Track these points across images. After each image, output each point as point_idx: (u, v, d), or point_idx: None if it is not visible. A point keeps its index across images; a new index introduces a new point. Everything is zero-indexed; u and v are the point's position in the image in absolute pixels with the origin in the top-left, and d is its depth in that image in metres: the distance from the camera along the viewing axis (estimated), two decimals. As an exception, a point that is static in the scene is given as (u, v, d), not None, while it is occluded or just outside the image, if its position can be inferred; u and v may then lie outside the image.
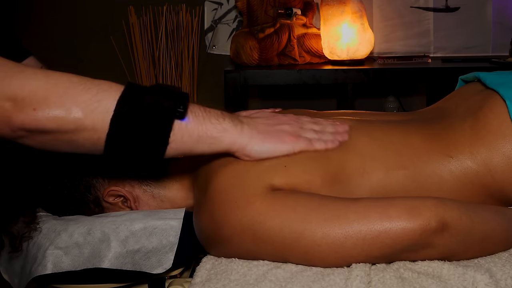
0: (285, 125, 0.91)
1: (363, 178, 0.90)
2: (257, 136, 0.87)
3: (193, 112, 0.83)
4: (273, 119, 0.92)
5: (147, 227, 0.94)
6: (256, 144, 0.87)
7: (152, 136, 0.80)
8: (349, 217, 0.80)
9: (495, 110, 0.93)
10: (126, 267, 0.92)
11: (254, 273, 0.83)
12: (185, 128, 0.82)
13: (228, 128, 0.85)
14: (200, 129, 0.83)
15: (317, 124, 0.95)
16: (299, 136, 0.90)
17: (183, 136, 0.82)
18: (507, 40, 2.16)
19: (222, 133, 0.85)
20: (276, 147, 0.88)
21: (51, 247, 0.93)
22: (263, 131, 0.88)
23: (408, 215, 0.79)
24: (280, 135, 0.89)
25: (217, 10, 2.35)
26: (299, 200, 0.83)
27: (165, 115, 0.80)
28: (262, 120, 0.91)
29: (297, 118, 0.94)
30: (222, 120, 0.85)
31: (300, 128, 0.92)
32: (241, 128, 0.87)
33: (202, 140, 0.83)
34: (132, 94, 0.80)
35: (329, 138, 0.92)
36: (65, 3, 2.38)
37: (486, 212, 0.86)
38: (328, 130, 0.94)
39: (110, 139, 0.78)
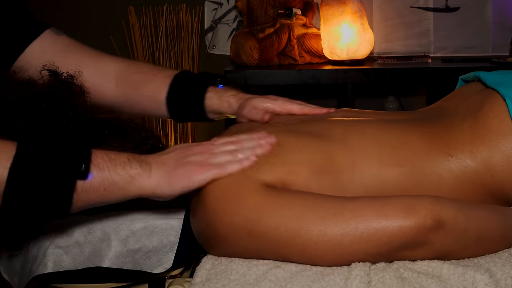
0: (194, 156, 0.88)
1: (354, 173, 0.90)
2: (164, 178, 0.84)
3: (96, 165, 0.79)
4: (183, 152, 0.89)
5: (147, 226, 0.94)
6: (164, 186, 0.84)
7: (53, 201, 0.77)
8: (345, 215, 0.80)
9: (495, 109, 0.93)
10: (126, 266, 0.92)
11: (254, 273, 0.83)
12: (90, 185, 0.79)
13: (135, 175, 0.82)
14: (106, 182, 0.80)
15: (233, 143, 0.92)
16: (210, 165, 0.87)
17: (88, 194, 0.79)
18: (507, 40, 2.17)
19: (129, 181, 0.82)
20: (184, 183, 0.85)
21: (52, 246, 0.93)
22: (170, 169, 0.85)
23: (404, 213, 0.80)
24: (187, 170, 0.86)
25: (217, 10, 2.35)
26: (293, 199, 0.83)
27: (66, 178, 0.77)
28: (170, 156, 0.88)
29: (209, 144, 0.92)
30: (129, 168, 0.82)
31: (210, 155, 0.89)
32: (149, 172, 0.84)
33: (109, 192, 0.81)
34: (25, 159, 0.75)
35: (245, 155, 0.89)
36: (65, 3, 2.39)
37: (483, 210, 0.87)
38: (246, 146, 0.91)
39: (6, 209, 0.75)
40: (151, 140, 1.02)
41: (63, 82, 1.00)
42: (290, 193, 0.85)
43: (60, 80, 1.00)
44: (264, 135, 0.92)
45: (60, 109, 0.95)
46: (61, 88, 0.99)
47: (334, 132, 0.95)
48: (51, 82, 1.00)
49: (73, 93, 1.00)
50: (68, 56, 1.17)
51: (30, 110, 0.93)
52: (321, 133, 0.95)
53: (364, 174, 0.90)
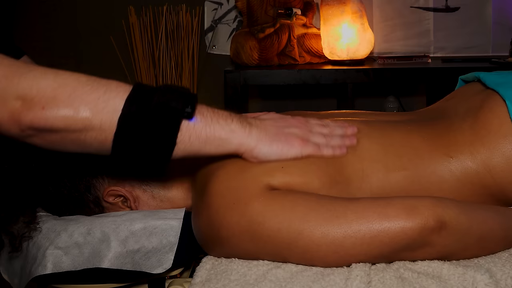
0: (294, 128, 0.90)
1: (363, 181, 0.90)
2: (265, 138, 0.87)
3: (201, 112, 0.82)
4: (282, 122, 0.91)
5: (147, 227, 0.94)
6: (264, 146, 0.86)
7: (159, 136, 0.80)
8: (348, 217, 0.80)
9: (495, 110, 0.93)
10: (126, 267, 0.92)
11: (254, 273, 0.83)
12: (193, 128, 0.81)
13: (236, 129, 0.85)
14: (208, 130, 0.82)
15: (326, 127, 0.94)
16: (308, 140, 0.89)
17: (191, 136, 0.81)
18: (507, 40, 2.16)
19: (230, 134, 0.84)
20: (283, 150, 0.87)
21: (51, 247, 0.93)
22: (272, 133, 0.88)
23: (406, 214, 0.80)
24: (288, 138, 0.88)
25: (217, 10, 2.35)
26: (297, 200, 0.83)
27: (173, 115, 0.80)
28: (271, 122, 0.90)
29: (306, 121, 0.93)
30: (230, 121, 0.85)
31: (309, 132, 0.91)
32: (249, 129, 0.86)
33: (209, 141, 0.83)
34: (140, 94, 0.79)
35: (337, 142, 0.91)
36: (66, 3, 2.38)
37: (485, 211, 0.87)
38: (336, 133, 0.93)
39: (117, 139, 0.78)
40: None
41: None
42: (294, 194, 0.84)
43: None
44: (349, 125, 0.95)
45: None
46: None
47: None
48: None
49: None
50: None
51: None
52: None
53: (371, 180, 0.90)
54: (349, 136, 0.93)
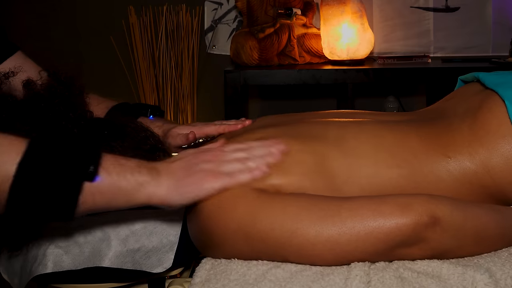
0: (204, 163, 0.86)
1: (349, 176, 0.90)
2: (174, 187, 0.83)
3: (105, 168, 0.78)
4: (193, 159, 0.87)
5: (147, 226, 0.94)
6: (175, 195, 0.83)
7: (59, 201, 0.75)
8: (342, 215, 0.81)
9: (494, 111, 0.93)
10: (126, 266, 0.92)
11: (253, 273, 0.83)
12: (97, 188, 0.77)
13: (144, 182, 0.81)
14: (114, 187, 0.79)
15: (243, 150, 0.90)
16: (219, 173, 0.86)
17: (95, 196, 0.77)
18: (507, 40, 2.17)
19: (137, 188, 0.80)
20: (195, 193, 0.84)
21: (52, 246, 0.93)
22: (181, 178, 0.84)
23: (400, 211, 0.81)
24: (198, 179, 0.84)
25: (217, 10, 2.35)
26: (287, 201, 0.83)
27: (73, 178, 0.75)
28: (180, 164, 0.86)
29: (220, 151, 0.90)
30: (138, 174, 0.81)
31: (221, 163, 0.87)
32: (158, 180, 0.82)
33: (116, 197, 0.79)
34: (34, 156, 0.74)
35: (256, 163, 0.88)
36: (66, 3, 2.39)
37: (480, 209, 0.87)
38: (257, 154, 0.89)
39: (10, 206, 0.74)
40: (150, 140, 1.02)
41: (62, 83, 1.00)
42: (284, 196, 0.85)
43: (59, 81, 1.00)
44: (275, 142, 0.91)
45: (60, 109, 0.95)
46: (60, 88, 0.98)
47: (329, 134, 0.95)
48: (50, 83, 1.00)
49: (72, 94, 1.00)
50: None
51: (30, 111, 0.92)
52: (315, 135, 0.95)
53: (360, 175, 0.90)
54: (272, 153, 0.89)
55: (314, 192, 0.87)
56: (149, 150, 1.00)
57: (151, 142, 1.02)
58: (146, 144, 1.01)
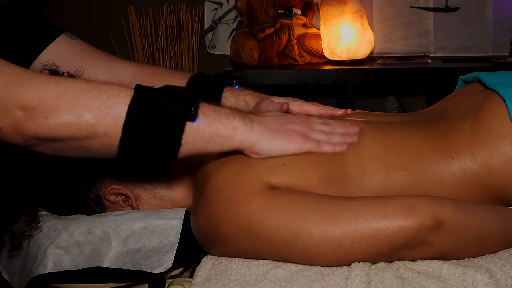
0: (295, 124, 0.91)
1: (363, 179, 0.90)
2: (266, 134, 0.88)
3: (203, 112, 0.84)
4: (283, 118, 0.92)
5: (147, 226, 0.94)
6: (265, 142, 0.87)
7: (164, 140, 0.81)
8: (346, 216, 0.81)
9: (495, 111, 0.93)
10: (126, 266, 0.92)
11: (254, 273, 0.83)
12: (197, 129, 0.83)
13: (238, 126, 0.86)
14: (211, 129, 0.84)
15: (327, 125, 0.95)
16: (308, 137, 0.90)
17: (195, 137, 0.83)
18: (507, 40, 2.17)
19: (232, 132, 0.85)
20: (284, 146, 0.88)
21: (52, 246, 0.93)
22: (273, 130, 0.89)
23: (404, 213, 0.80)
24: (289, 134, 0.89)
25: (217, 10, 2.35)
26: (296, 199, 0.83)
27: (176, 118, 0.81)
28: (273, 119, 0.91)
29: (307, 119, 0.95)
30: (233, 119, 0.86)
31: (309, 129, 0.92)
32: (251, 126, 0.87)
33: (213, 139, 0.84)
34: (142, 99, 0.80)
35: (337, 140, 0.92)
36: (66, 3, 2.38)
37: (483, 210, 0.87)
38: (337, 131, 0.94)
39: (123, 144, 0.79)
40: None
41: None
42: (293, 194, 0.85)
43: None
44: (351, 124, 0.95)
45: None
46: None
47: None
48: None
49: None
50: (83, 59, 1.21)
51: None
52: None
53: (372, 179, 0.90)
54: (350, 134, 0.94)
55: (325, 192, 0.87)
56: None
57: None
58: None
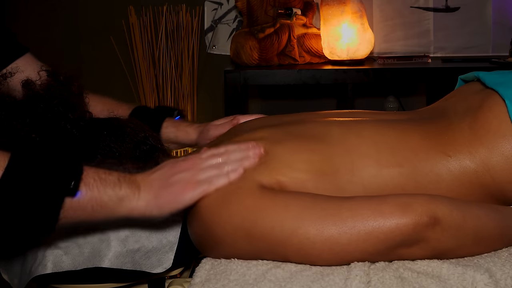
0: (181, 173, 0.88)
1: (353, 174, 0.90)
2: (153, 200, 0.85)
3: (86, 184, 0.79)
4: (170, 170, 0.88)
5: (147, 226, 0.94)
6: (154, 209, 0.85)
7: (41, 216, 0.76)
8: (342, 214, 0.81)
9: (495, 110, 0.93)
10: (126, 266, 0.92)
11: (253, 273, 0.83)
12: (77, 203, 0.79)
13: (124, 197, 0.83)
14: (94, 202, 0.80)
15: (220, 155, 0.91)
16: (196, 182, 0.87)
17: (76, 211, 0.79)
18: (507, 40, 2.16)
19: (117, 203, 0.82)
20: (173, 205, 0.85)
21: (51, 247, 0.93)
22: (158, 191, 0.85)
23: (400, 211, 0.81)
24: (175, 190, 0.86)
25: (217, 10, 2.35)
26: (290, 199, 0.84)
27: (54, 194, 0.77)
28: (158, 175, 0.87)
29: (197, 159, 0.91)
30: (118, 189, 0.82)
31: (198, 171, 0.88)
32: (138, 194, 0.84)
33: (97, 211, 0.81)
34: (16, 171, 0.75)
35: (233, 167, 0.89)
36: (66, 3, 2.39)
37: (479, 208, 0.87)
38: (232, 159, 0.90)
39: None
40: (150, 140, 1.02)
41: (61, 83, 1.00)
42: (287, 194, 0.85)
43: (59, 81, 1.00)
44: (252, 145, 0.92)
45: (59, 110, 0.95)
46: (59, 89, 0.98)
47: (331, 133, 0.95)
48: (49, 83, 1.00)
49: (72, 94, 1.00)
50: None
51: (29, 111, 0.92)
52: (318, 134, 0.95)
53: (363, 175, 0.91)
54: (248, 157, 0.90)
55: (317, 190, 0.88)
56: (148, 150, 1.00)
57: (150, 142, 1.02)
58: (146, 144, 1.01)
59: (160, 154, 1.01)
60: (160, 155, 1.01)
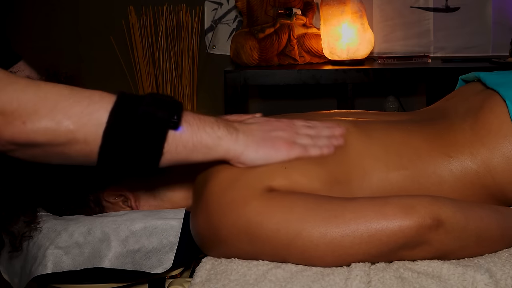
0: (280, 131, 0.90)
1: (364, 180, 0.90)
2: (252, 144, 0.87)
3: (187, 121, 0.82)
4: (268, 125, 0.91)
5: (147, 226, 0.94)
6: (251, 152, 0.86)
7: (146, 148, 0.79)
8: (345, 216, 0.81)
9: (495, 110, 0.93)
10: (126, 267, 0.92)
11: (254, 273, 0.83)
12: (180, 138, 0.81)
13: (223, 136, 0.85)
14: (195, 138, 0.82)
15: (312, 128, 0.94)
16: (294, 143, 0.89)
17: (178, 146, 0.81)
18: (507, 40, 2.16)
19: (216, 141, 0.84)
20: (270, 155, 0.87)
21: (52, 247, 0.93)
22: (258, 138, 0.88)
23: (403, 213, 0.80)
24: (274, 142, 0.88)
25: (217, 10, 2.35)
26: (295, 201, 0.83)
27: (159, 126, 0.79)
28: (257, 127, 0.90)
29: (292, 123, 0.93)
30: (217, 128, 0.85)
31: (295, 134, 0.91)
32: (236, 136, 0.86)
33: (197, 149, 0.83)
34: (125, 105, 0.78)
35: (324, 143, 0.91)
36: (66, 3, 2.39)
37: (482, 210, 0.87)
38: (323, 134, 0.93)
39: (103, 151, 0.78)
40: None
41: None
42: (292, 196, 0.84)
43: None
44: (336, 126, 0.95)
45: None
46: None
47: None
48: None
49: None
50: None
51: None
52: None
53: (372, 179, 0.91)
54: (336, 137, 0.93)
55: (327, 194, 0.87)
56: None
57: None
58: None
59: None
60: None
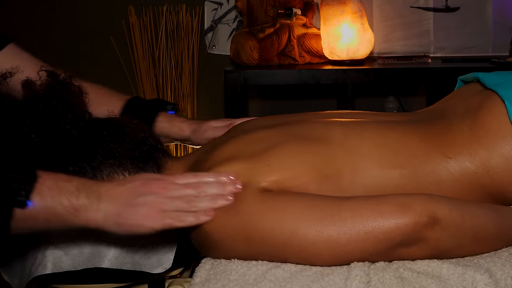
0: (149, 196, 0.83)
1: (355, 176, 0.90)
2: (113, 215, 0.81)
3: (39, 194, 0.77)
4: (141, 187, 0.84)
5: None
6: (112, 225, 0.82)
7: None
8: (342, 215, 0.81)
9: (494, 111, 0.93)
10: (126, 266, 0.92)
11: (253, 273, 0.83)
12: (29, 214, 0.76)
13: (81, 208, 0.80)
14: (47, 212, 0.78)
15: (196, 187, 0.86)
16: (163, 212, 0.83)
17: (26, 222, 0.77)
18: (507, 40, 2.16)
19: (73, 213, 0.79)
20: (133, 228, 0.82)
21: (51, 247, 0.93)
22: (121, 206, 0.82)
23: (399, 211, 0.81)
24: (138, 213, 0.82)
25: (217, 10, 2.35)
26: (289, 201, 0.84)
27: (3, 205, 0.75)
28: (125, 190, 0.84)
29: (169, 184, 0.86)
30: (75, 199, 0.80)
31: (167, 199, 0.84)
32: (97, 205, 0.81)
33: (51, 221, 0.79)
34: None
35: (204, 204, 0.84)
36: (66, 3, 2.39)
37: (478, 208, 0.87)
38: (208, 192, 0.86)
39: None
40: (149, 140, 1.01)
41: (61, 83, 1.00)
42: (286, 196, 0.85)
43: (58, 81, 1.00)
44: (231, 180, 0.87)
45: (58, 110, 0.95)
46: (59, 89, 0.98)
47: (333, 135, 0.95)
48: (49, 83, 0.99)
49: (71, 94, 1.00)
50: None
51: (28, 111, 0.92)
52: (319, 136, 0.95)
53: (365, 176, 0.91)
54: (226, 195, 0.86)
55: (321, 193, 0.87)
56: (148, 150, 1.00)
57: (150, 143, 1.02)
58: (146, 145, 1.00)
59: (160, 154, 1.01)
60: (160, 155, 1.01)
